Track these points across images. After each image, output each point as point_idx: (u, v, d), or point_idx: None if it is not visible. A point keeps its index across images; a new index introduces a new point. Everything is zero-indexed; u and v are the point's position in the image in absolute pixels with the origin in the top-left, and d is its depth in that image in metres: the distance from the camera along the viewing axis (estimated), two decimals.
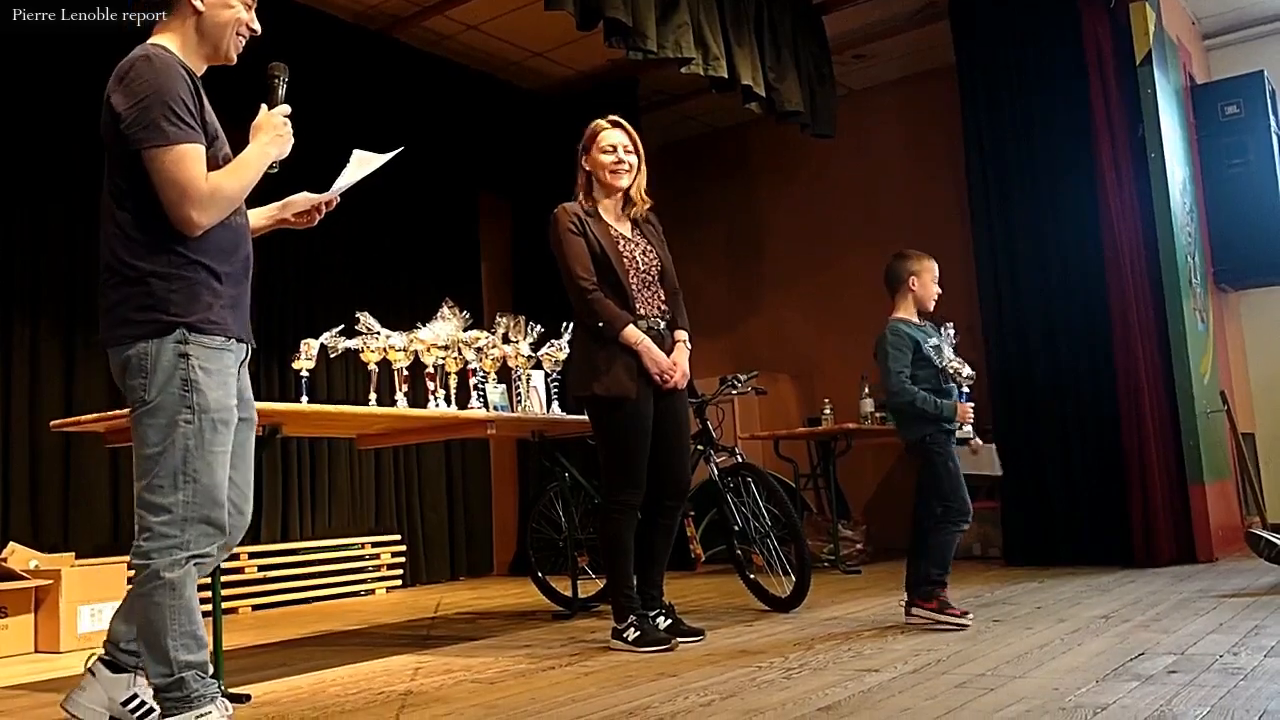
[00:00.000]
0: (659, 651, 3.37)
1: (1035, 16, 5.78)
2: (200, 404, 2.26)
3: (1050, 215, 5.67)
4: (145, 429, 2.25)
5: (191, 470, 2.24)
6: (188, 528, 2.23)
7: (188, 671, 2.23)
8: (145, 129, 2.20)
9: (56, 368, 5.39)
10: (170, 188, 2.22)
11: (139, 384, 2.26)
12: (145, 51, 2.28)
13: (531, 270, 7.68)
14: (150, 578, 2.21)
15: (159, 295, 2.25)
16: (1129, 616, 3.56)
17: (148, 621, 2.23)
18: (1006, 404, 5.75)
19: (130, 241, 2.28)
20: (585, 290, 3.49)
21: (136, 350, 2.26)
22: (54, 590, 4.44)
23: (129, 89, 2.23)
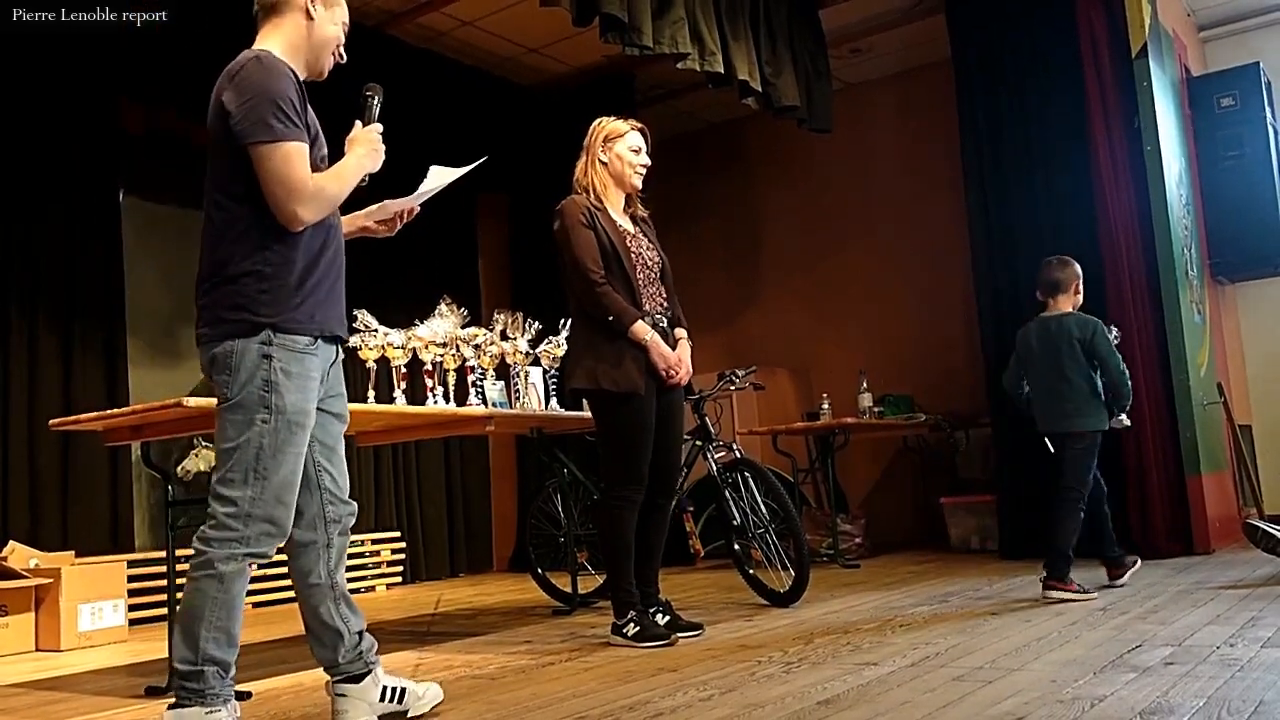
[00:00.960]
0: (659, 646, 3.38)
1: (1031, 9, 5.78)
2: (278, 405, 2.30)
3: (1047, 208, 5.68)
4: (225, 424, 2.31)
5: (262, 468, 2.29)
6: (251, 524, 2.28)
7: (211, 666, 2.25)
8: (254, 125, 2.25)
9: (55, 366, 5.40)
10: (277, 183, 2.27)
11: (223, 380, 2.31)
12: (255, 54, 2.35)
13: (529, 267, 7.69)
14: (204, 565, 2.26)
15: (249, 295, 2.30)
16: (1126, 608, 3.57)
17: (189, 606, 2.26)
18: (1002, 395, 5.74)
19: (228, 242, 2.33)
20: (595, 283, 3.49)
21: (224, 348, 2.31)
22: (54, 589, 4.45)
23: (239, 87, 2.29)
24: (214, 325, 2.33)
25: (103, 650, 4.39)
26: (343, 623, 2.49)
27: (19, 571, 4.44)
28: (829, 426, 6.10)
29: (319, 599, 2.47)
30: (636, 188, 3.68)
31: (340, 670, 2.50)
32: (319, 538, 2.47)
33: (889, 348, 7.35)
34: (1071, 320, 4.17)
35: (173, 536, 3.28)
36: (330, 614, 2.47)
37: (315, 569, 2.46)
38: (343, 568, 2.55)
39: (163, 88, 5.86)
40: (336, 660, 2.49)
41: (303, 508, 2.44)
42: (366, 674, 2.50)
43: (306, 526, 2.46)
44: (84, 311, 5.55)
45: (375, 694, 2.49)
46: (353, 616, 2.52)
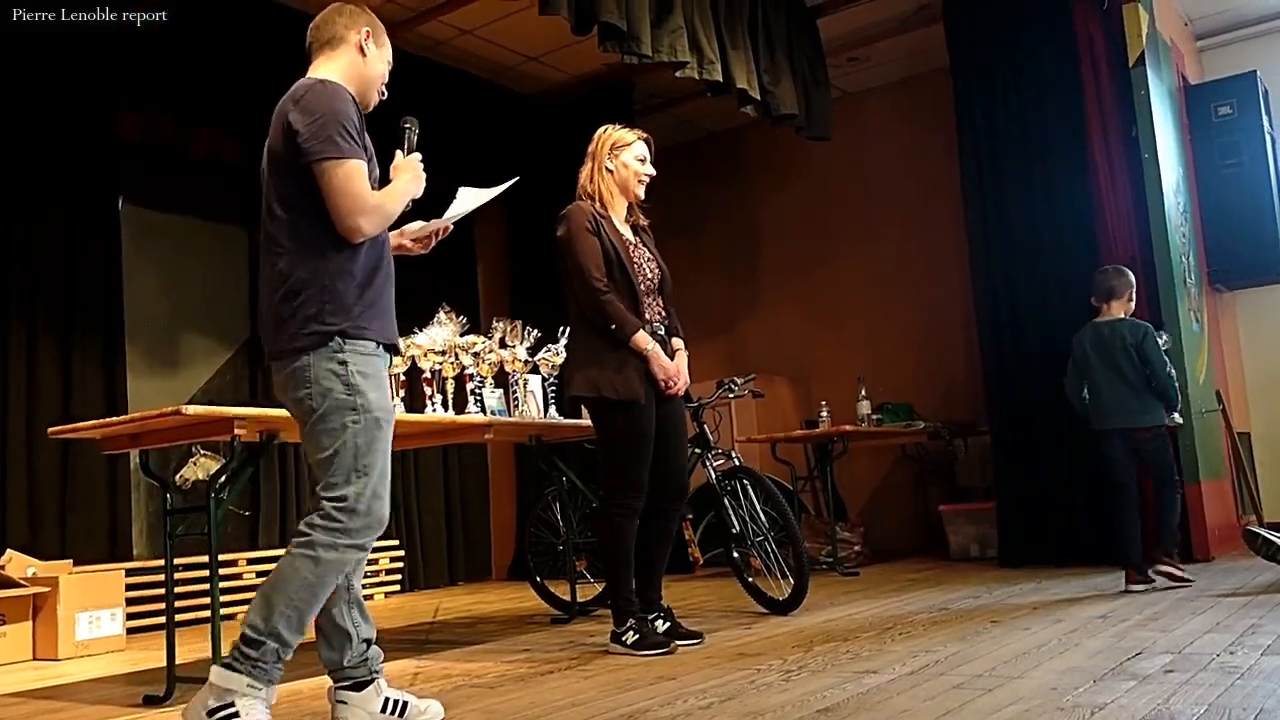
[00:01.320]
0: (657, 654, 3.37)
1: (1029, 19, 5.80)
2: (363, 404, 2.41)
3: (1045, 216, 5.69)
4: (318, 435, 2.40)
5: (362, 466, 2.39)
6: (355, 518, 2.37)
7: (273, 642, 2.31)
8: (322, 143, 2.38)
9: (54, 374, 5.39)
10: (342, 198, 2.38)
11: (305, 395, 2.41)
12: (318, 79, 2.50)
13: (528, 275, 7.69)
14: (306, 545, 2.34)
15: (315, 307, 2.40)
16: (1126, 616, 3.57)
17: (278, 576, 2.34)
18: (1002, 403, 5.77)
19: (290, 256, 2.43)
20: (599, 291, 3.49)
21: (300, 363, 2.41)
22: (52, 598, 4.44)
23: (306, 108, 2.41)
24: (287, 341, 2.42)
25: (100, 659, 4.37)
26: (353, 626, 2.53)
27: (16, 580, 4.43)
28: (828, 434, 6.09)
29: (334, 600, 2.49)
30: (640, 197, 3.71)
31: (344, 675, 2.51)
32: None
33: (888, 355, 7.36)
34: (1124, 325, 4.51)
35: (171, 545, 3.28)
36: (342, 616, 2.51)
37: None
38: (360, 575, 2.60)
39: (161, 96, 5.87)
40: (341, 663, 2.51)
41: None
42: (369, 683, 2.51)
43: None
44: (83, 319, 5.54)
45: (377, 704, 2.50)
46: (364, 623, 2.56)
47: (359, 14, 2.66)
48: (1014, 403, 5.70)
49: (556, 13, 4.63)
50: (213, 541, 3.07)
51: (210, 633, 3.06)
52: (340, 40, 2.61)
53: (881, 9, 6.61)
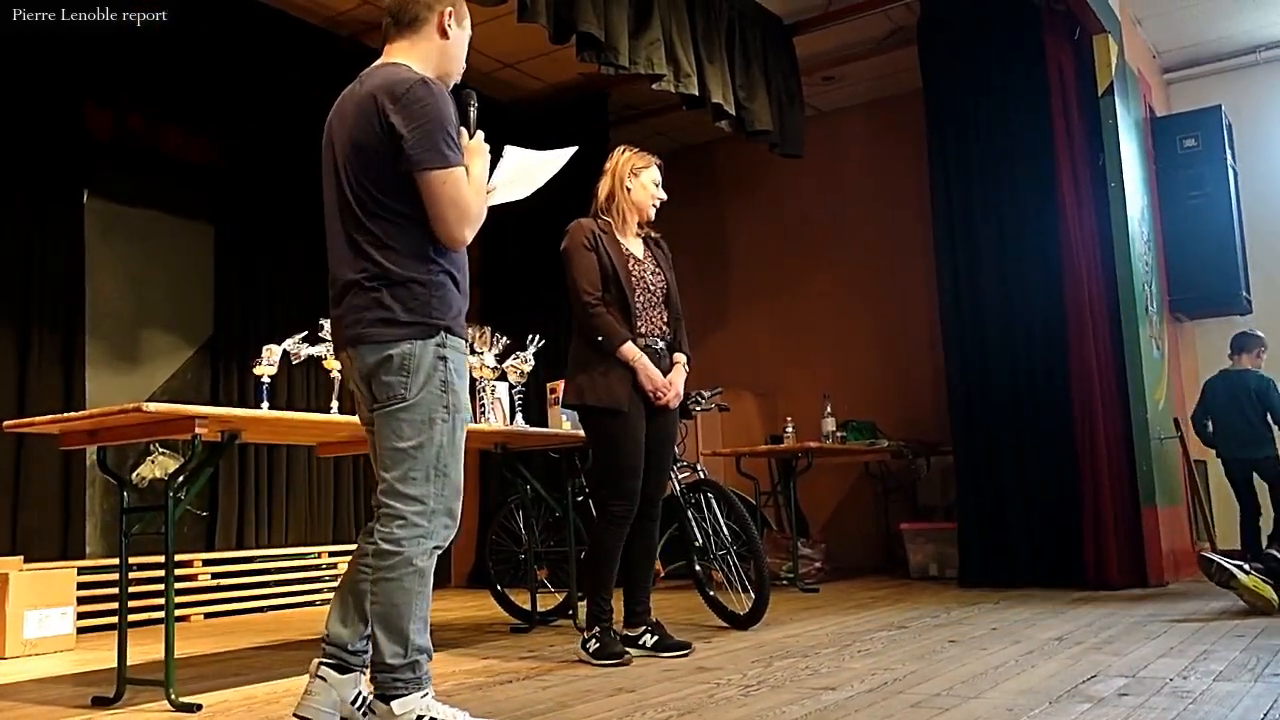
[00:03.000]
0: (611, 665, 3.38)
1: (1001, 45, 5.87)
2: (454, 404, 2.41)
3: (1012, 240, 5.75)
4: (401, 424, 2.36)
5: (442, 465, 2.39)
6: (434, 519, 2.38)
7: (421, 655, 2.37)
8: (429, 151, 2.32)
9: (10, 367, 5.30)
10: (450, 207, 2.35)
11: (399, 381, 2.36)
12: (418, 76, 2.39)
13: (497, 283, 7.66)
14: (402, 563, 2.34)
15: (423, 299, 2.37)
16: (1082, 639, 3.60)
17: (391, 604, 2.34)
18: (964, 425, 5.81)
19: (389, 250, 2.37)
20: (588, 305, 3.56)
21: (401, 349, 2.35)
22: (0, 594, 4.35)
23: (410, 111, 2.33)
24: (386, 326, 2.35)
25: (49, 658, 4.29)
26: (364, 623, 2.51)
27: None
28: (792, 450, 6.11)
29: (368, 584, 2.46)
30: (650, 218, 3.81)
31: (342, 654, 2.47)
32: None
33: (853, 373, 7.40)
34: (1251, 375, 5.87)
35: (126, 544, 3.22)
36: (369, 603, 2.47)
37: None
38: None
39: (131, 93, 5.81)
40: (347, 644, 2.47)
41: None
42: (353, 670, 2.49)
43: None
44: (42, 314, 5.45)
45: (351, 694, 2.48)
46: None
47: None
48: (977, 423, 5.75)
49: (535, 20, 4.63)
50: (169, 541, 3.03)
51: (164, 633, 3.01)
52: (422, 21, 2.51)
53: (857, 30, 6.67)
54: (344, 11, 6.05)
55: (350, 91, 2.49)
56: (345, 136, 2.43)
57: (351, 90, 2.49)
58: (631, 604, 3.69)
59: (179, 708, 2.92)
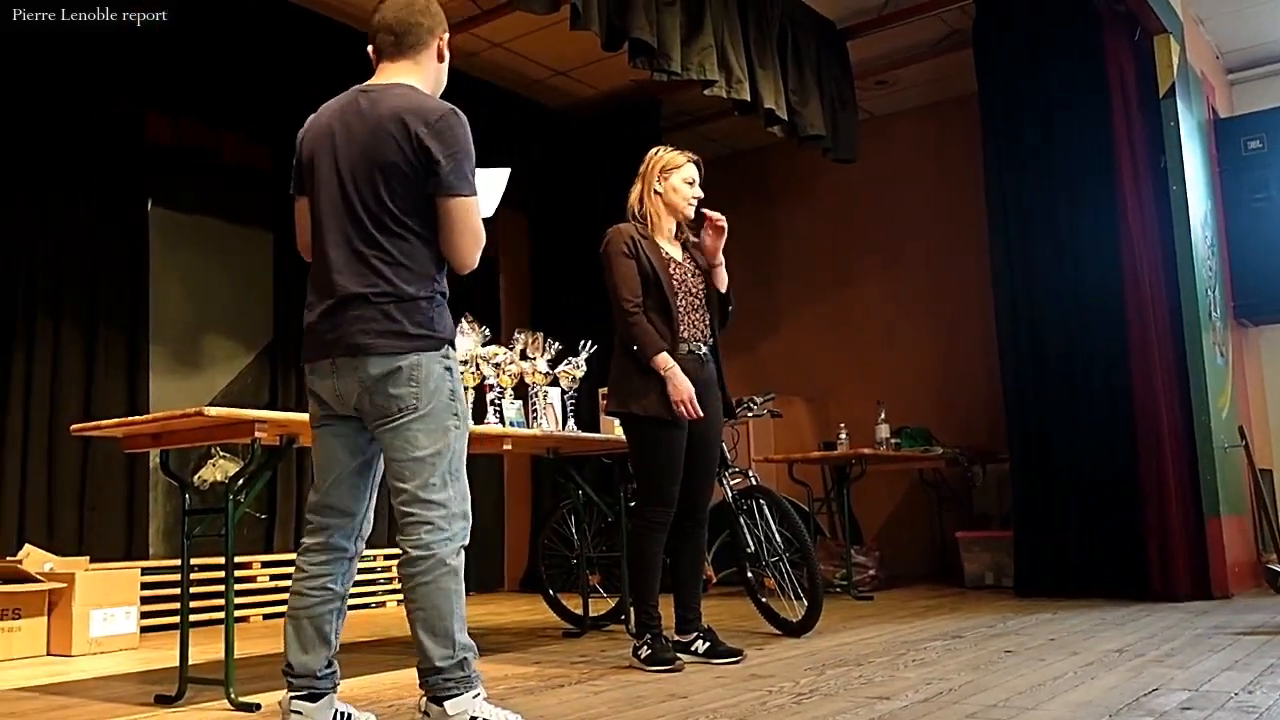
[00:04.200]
0: (662, 671, 3.38)
1: (1059, 47, 5.78)
2: (462, 412, 2.51)
3: (1070, 245, 5.66)
4: (416, 434, 2.42)
5: (455, 470, 2.47)
6: (454, 522, 2.45)
7: (468, 652, 2.42)
8: (460, 179, 2.43)
9: (78, 374, 5.44)
10: (470, 234, 2.46)
11: (410, 392, 2.42)
12: (448, 105, 2.47)
13: (549, 287, 7.71)
14: (436, 565, 2.40)
15: (429, 315, 2.45)
16: (1143, 651, 3.53)
17: (433, 606, 2.40)
18: (1021, 432, 5.73)
19: (400, 267, 2.44)
20: (628, 313, 3.56)
21: (410, 361, 2.42)
22: (67, 594, 4.46)
23: (445, 138, 2.41)
24: (396, 339, 2.42)
25: (113, 657, 4.39)
26: (334, 636, 2.55)
27: (33, 575, 4.46)
28: (845, 456, 6.07)
29: (325, 605, 2.51)
30: (689, 218, 3.75)
31: (310, 684, 2.49)
32: (350, 549, 2.57)
33: (907, 380, 7.33)
34: None
35: (187, 546, 3.29)
36: (329, 624, 2.53)
37: (337, 577, 2.54)
38: (351, 583, 2.62)
39: (190, 101, 5.93)
40: (314, 670, 2.49)
41: (354, 513, 2.56)
42: (324, 695, 2.51)
43: (345, 535, 2.55)
44: (108, 320, 5.59)
45: (328, 715, 2.51)
46: (335, 638, 2.56)
47: (436, 13, 2.58)
48: (1034, 432, 5.66)
49: (588, 28, 4.65)
50: (229, 543, 3.09)
51: (224, 634, 3.07)
52: (425, 45, 2.56)
53: (911, 33, 6.62)
54: None
55: (355, 106, 2.49)
56: (359, 153, 2.45)
57: (356, 105, 2.49)
58: (682, 610, 3.69)
59: (239, 707, 2.97)
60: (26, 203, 5.35)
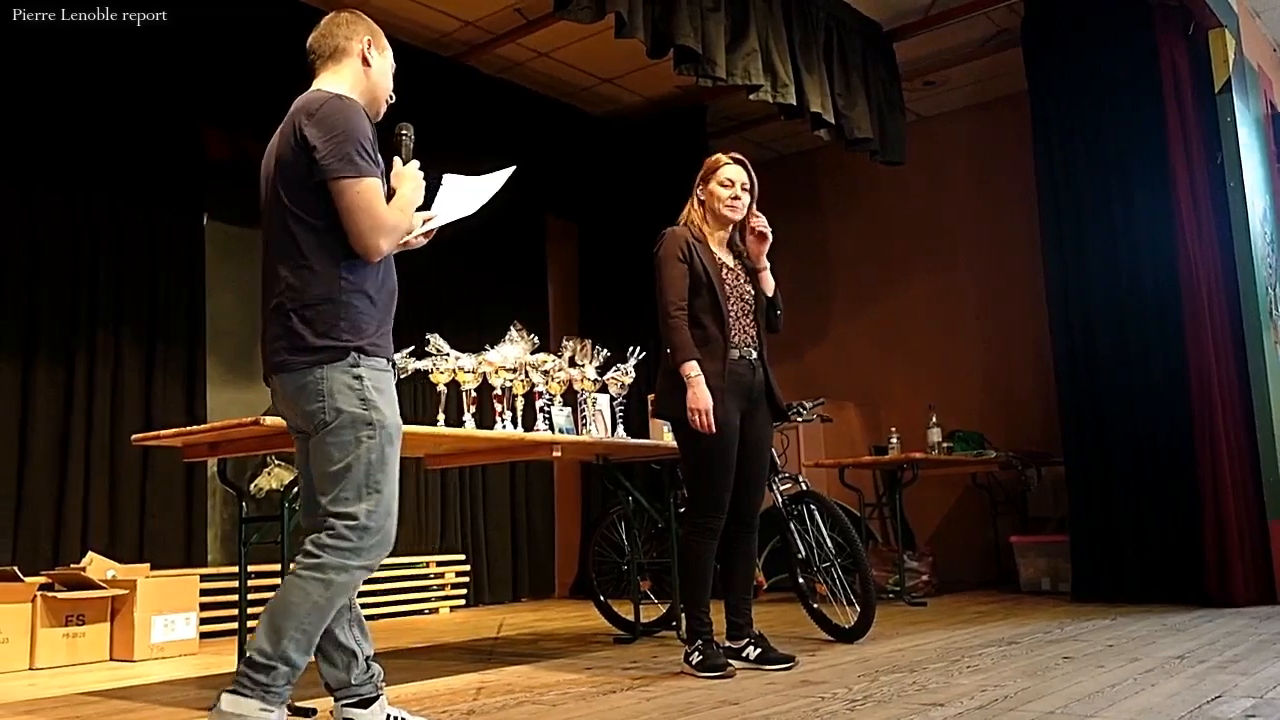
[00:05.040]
0: (715, 678, 3.37)
1: (1110, 43, 5.69)
2: (378, 420, 2.40)
3: (1125, 243, 5.57)
4: (329, 448, 2.38)
5: (374, 482, 2.38)
6: (367, 536, 2.36)
7: (284, 666, 2.30)
8: (340, 161, 2.36)
9: (137, 383, 5.56)
10: (362, 216, 2.37)
11: (318, 407, 2.38)
12: (333, 93, 2.46)
13: (598, 294, 7.74)
14: (316, 568, 2.32)
15: (331, 322, 2.39)
16: (1205, 657, 3.46)
17: (285, 601, 2.31)
18: (1076, 435, 5.64)
19: (302, 270, 2.41)
20: (670, 315, 3.55)
21: (314, 375, 2.39)
22: (129, 600, 4.56)
23: (322, 124, 2.39)
24: (299, 354, 2.39)
25: (174, 662, 4.48)
26: (356, 644, 2.54)
27: (97, 582, 4.56)
28: (897, 461, 6.02)
29: (337, 619, 2.49)
30: (733, 219, 3.70)
31: (350, 692, 2.52)
32: None
33: (959, 383, 7.25)
34: None
35: (245, 552, 3.35)
36: (345, 634, 2.52)
37: None
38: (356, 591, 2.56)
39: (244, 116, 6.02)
40: (349, 680, 2.52)
41: None
42: (375, 699, 2.53)
43: None
44: (166, 332, 5.71)
45: (382, 717, 2.53)
46: (364, 640, 2.56)
47: (357, 22, 2.61)
48: (1089, 433, 5.58)
49: (633, 35, 4.67)
50: (285, 550, 3.14)
51: None
52: (343, 52, 2.57)
53: (959, 33, 6.56)
54: (447, 33, 6.20)
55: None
56: (271, 164, 2.49)
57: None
58: (733, 616, 3.68)
59: (295, 712, 3.01)
60: (87, 218, 5.49)
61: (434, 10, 5.96)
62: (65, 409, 5.30)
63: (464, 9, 5.98)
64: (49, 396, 5.26)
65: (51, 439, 5.24)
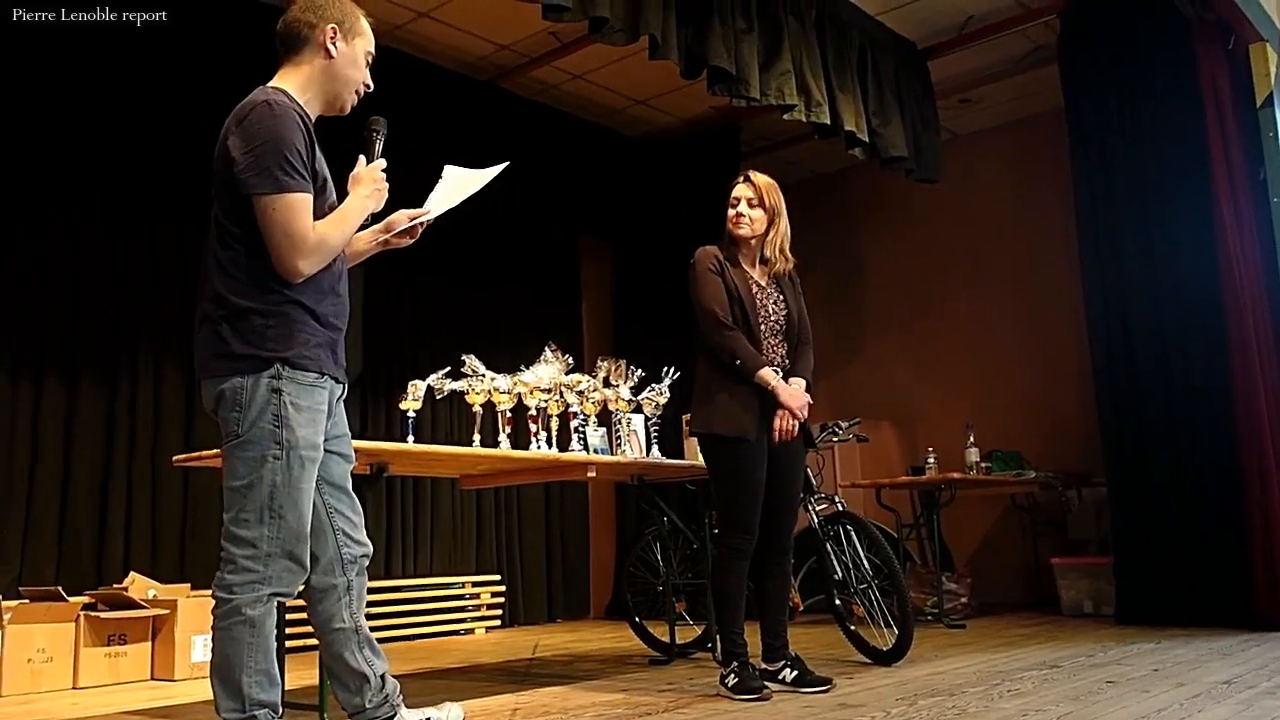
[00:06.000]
0: (750, 700, 3.34)
1: (1148, 58, 5.64)
2: (289, 440, 2.29)
3: (1164, 261, 5.49)
4: (235, 462, 2.29)
5: (278, 506, 2.27)
6: (271, 563, 2.27)
7: (260, 710, 2.25)
8: (258, 175, 2.24)
9: (178, 404, 5.62)
10: (279, 235, 2.25)
11: (233, 417, 2.30)
12: (266, 97, 2.32)
13: (632, 314, 7.76)
14: (231, 613, 2.26)
15: (258, 331, 2.29)
16: (1254, 683, 3.39)
17: (224, 656, 2.26)
18: (1118, 455, 5.56)
19: (232, 279, 2.31)
20: (725, 326, 3.54)
21: (232, 384, 2.30)
22: (170, 620, 4.60)
23: (246, 133, 2.27)
24: (220, 360, 2.31)
25: None
26: (367, 666, 2.48)
27: (139, 602, 4.61)
28: (934, 481, 5.96)
29: (343, 644, 2.46)
30: (740, 237, 3.68)
31: (366, 716, 2.48)
32: (339, 581, 2.47)
33: (997, 402, 7.18)
34: None
35: None
36: (355, 658, 2.47)
37: (338, 613, 2.47)
38: (363, 609, 2.53)
39: None
40: (364, 705, 2.48)
41: (318, 553, 2.43)
42: (393, 717, 2.49)
43: (325, 571, 2.46)
44: None
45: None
46: (376, 660, 2.50)
47: (325, 7, 2.42)
48: (1131, 453, 5.49)
49: (667, 57, 4.70)
50: None
51: (318, 659, 3.13)
52: (304, 41, 2.41)
53: (994, 50, 6.53)
54: (482, 56, 6.26)
55: None
56: (213, 166, 2.36)
57: None
58: (769, 639, 3.64)
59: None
60: (130, 238, 5.56)
61: (468, 35, 6.03)
62: (108, 431, 5.37)
63: (498, 33, 6.04)
64: (92, 418, 5.33)
65: (94, 461, 5.31)
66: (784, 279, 3.76)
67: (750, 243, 3.69)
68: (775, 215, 3.70)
